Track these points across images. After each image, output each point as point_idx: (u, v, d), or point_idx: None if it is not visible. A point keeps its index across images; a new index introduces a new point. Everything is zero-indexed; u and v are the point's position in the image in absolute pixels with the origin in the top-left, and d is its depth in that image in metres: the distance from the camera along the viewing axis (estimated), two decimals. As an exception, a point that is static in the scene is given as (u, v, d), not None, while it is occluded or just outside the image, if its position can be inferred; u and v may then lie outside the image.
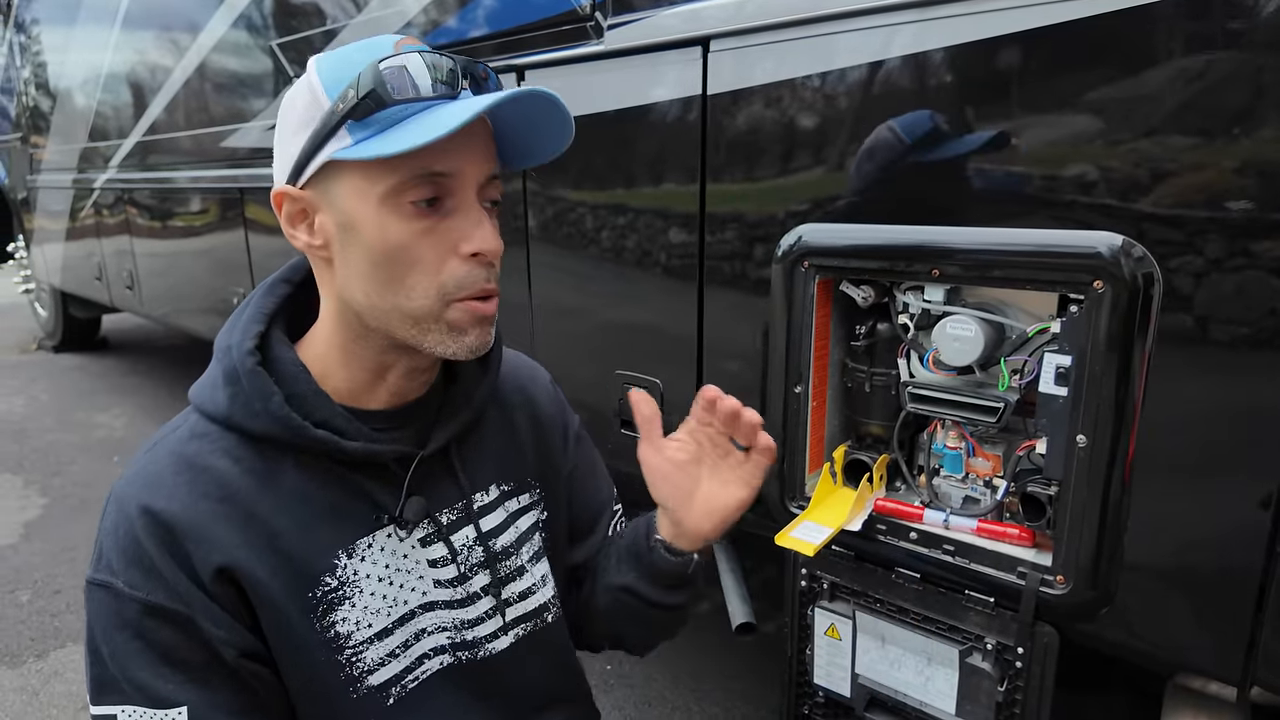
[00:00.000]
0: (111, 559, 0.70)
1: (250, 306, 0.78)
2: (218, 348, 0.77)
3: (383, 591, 0.79)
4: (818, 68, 1.14)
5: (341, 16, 2.12)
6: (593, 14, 1.41)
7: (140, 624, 0.69)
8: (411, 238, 0.69)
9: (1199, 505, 0.92)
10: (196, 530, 0.70)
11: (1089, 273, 0.92)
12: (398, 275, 0.70)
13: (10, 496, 3.30)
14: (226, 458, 0.73)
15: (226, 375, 0.74)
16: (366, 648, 0.77)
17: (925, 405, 1.09)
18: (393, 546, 0.80)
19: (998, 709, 1.07)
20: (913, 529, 1.13)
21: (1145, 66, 0.88)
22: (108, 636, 0.70)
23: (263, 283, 0.81)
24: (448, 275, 0.71)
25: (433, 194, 0.69)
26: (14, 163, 5.37)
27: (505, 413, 0.94)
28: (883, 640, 1.18)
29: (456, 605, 0.84)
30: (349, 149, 0.67)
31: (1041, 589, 1.01)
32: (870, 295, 1.14)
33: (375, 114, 0.66)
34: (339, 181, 0.70)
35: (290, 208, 0.73)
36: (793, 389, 1.20)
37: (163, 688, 0.69)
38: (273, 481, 0.74)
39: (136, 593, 0.69)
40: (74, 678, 2.15)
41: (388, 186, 0.68)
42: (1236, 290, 0.85)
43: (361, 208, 0.69)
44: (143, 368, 5.33)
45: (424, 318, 0.71)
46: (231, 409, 0.74)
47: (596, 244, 1.54)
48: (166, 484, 0.72)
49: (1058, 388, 0.97)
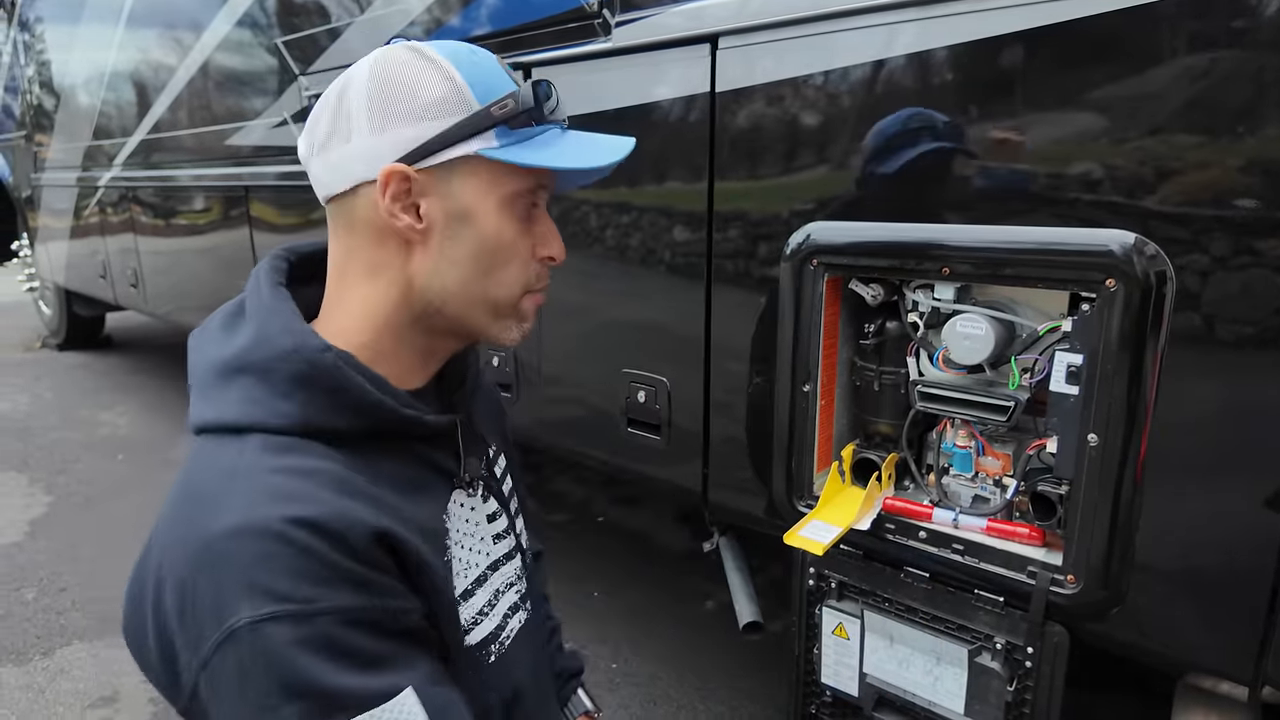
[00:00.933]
0: (273, 587, 0.62)
1: (275, 315, 0.74)
2: (257, 361, 0.72)
3: (464, 556, 0.83)
4: (827, 65, 1.14)
5: (346, 14, 2.12)
6: (600, 11, 1.41)
7: (330, 636, 0.63)
8: (518, 236, 0.77)
9: (1210, 505, 0.91)
10: (344, 517, 0.66)
11: (1101, 271, 0.91)
12: (497, 266, 0.77)
13: (15, 494, 3.31)
14: (322, 459, 0.70)
15: (294, 381, 0.71)
16: (467, 606, 0.81)
17: (935, 404, 1.09)
18: (463, 511, 0.85)
19: (1007, 709, 1.07)
20: (922, 528, 1.13)
21: (1151, 65, 0.88)
22: (299, 667, 0.62)
23: (256, 291, 0.78)
24: (531, 271, 0.80)
25: (534, 201, 0.79)
26: (18, 161, 5.38)
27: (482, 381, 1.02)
28: (891, 640, 1.17)
29: (513, 556, 0.91)
30: (498, 150, 0.73)
31: (1052, 589, 1.01)
32: (879, 293, 1.14)
33: (528, 127, 0.75)
34: (465, 176, 0.74)
35: (399, 187, 0.72)
36: (801, 387, 1.20)
37: (379, 682, 0.65)
38: (367, 469, 0.73)
39: (318, 605, 0.63)
40: (80, 675, 2.16)
41: (514, 190, 0.75)
42: (1247, 289, 0.85)
43: (483, 203, 0.75)
44: (147, 366, 5.34)
45: (505, 305, 0.79)
46: (308, 414, 0.70)
47: (604, 242, 1.54)
48: (296, 492, 0.66)
49: (1069, 386, 0.97)
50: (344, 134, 0.73)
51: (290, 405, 0.70)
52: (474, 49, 0.77)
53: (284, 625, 0.61)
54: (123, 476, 3.46)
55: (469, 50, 0.76)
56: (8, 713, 2.02)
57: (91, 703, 2.06)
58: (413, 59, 0.73)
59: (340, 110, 0.73)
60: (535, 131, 0.75)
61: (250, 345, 0.73)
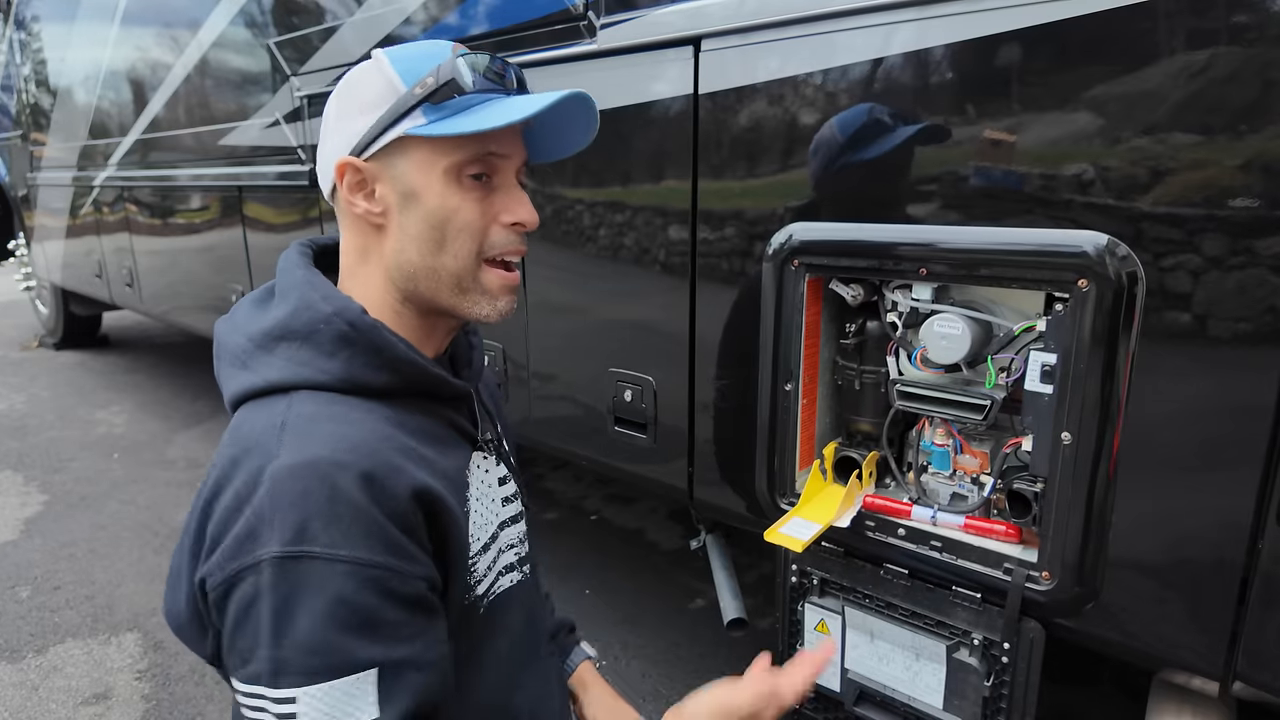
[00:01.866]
0: (306, 526, 0.67)
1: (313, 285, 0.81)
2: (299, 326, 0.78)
3: (481, 510, 0.89)
4: (809, 67, 1.15)
5: (340, 14, 2.13)
6: (586, 13, 1.42)
7: (342, 585, 0.67)
8: (467, 205, 0.80)
9: (1182, 502, 0.93)
10: (386, 465, 0.72)
11: (1074, 271, 0.92)
12: (448, 238, 0.80)
13: (11, 493, 3.31)
14: (361, 410, 0.77)
15: (338, 340, 0.78)
16: (478, 559, 0.86)
17: (913, 403, 1.10)
18: (479, 473, 0.90)
19: (985, 703, 1.08)
20: (901, 525, 1.14)
21: (1129, 68, 0.89)
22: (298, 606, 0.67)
23: (290, 270, 0.84)
24: (491, 238, 0.82)
25: (485, 170, 0.81)
26: (14, 160, 5.38)
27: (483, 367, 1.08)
28: (872, 635, 1.19)
29: (518, 519, 0.97)
30: (424, 126, 0.77)
31: (1027, 585, 1.02)
32: (859, 293, 1.15)
33: (449, 100, 0.77)
34: (406, 156, 0.79)
35: (352, 178, 0.81)
36: (783, 386, 1.21)
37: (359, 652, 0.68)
38: (401, 423, 0.79)
39: (339, 552, 0.67)
40: (73, 672, 2.17)
41: (452, 161, 0.79)
42: (1218, 289, 0.86)
43: (425, 178, 0.79)
44: (143, 365, 5.34)
45: (464, 277, 0.82)
46: (350, 370, 0.78)
47: (590, 242, 1.55)
48: (346, 438, 0.72)
49: (1043, 385, 0.98)
50: (322, 140, 0.83)
51: (335, 363, 0.78)
52: (431, 42, 0.82)
53: (306, 565, 0.67)
54: (118, 475, 3.47)
55: (418, 45, 0.82)
56: (1, 709, 2.03)
57: (84, 700, 2.07)
58: (365, 64, 0.81)
59: (324, 119, 0.83)
60: (470, 101, 0.78)
61: (292, 313, 0.80)
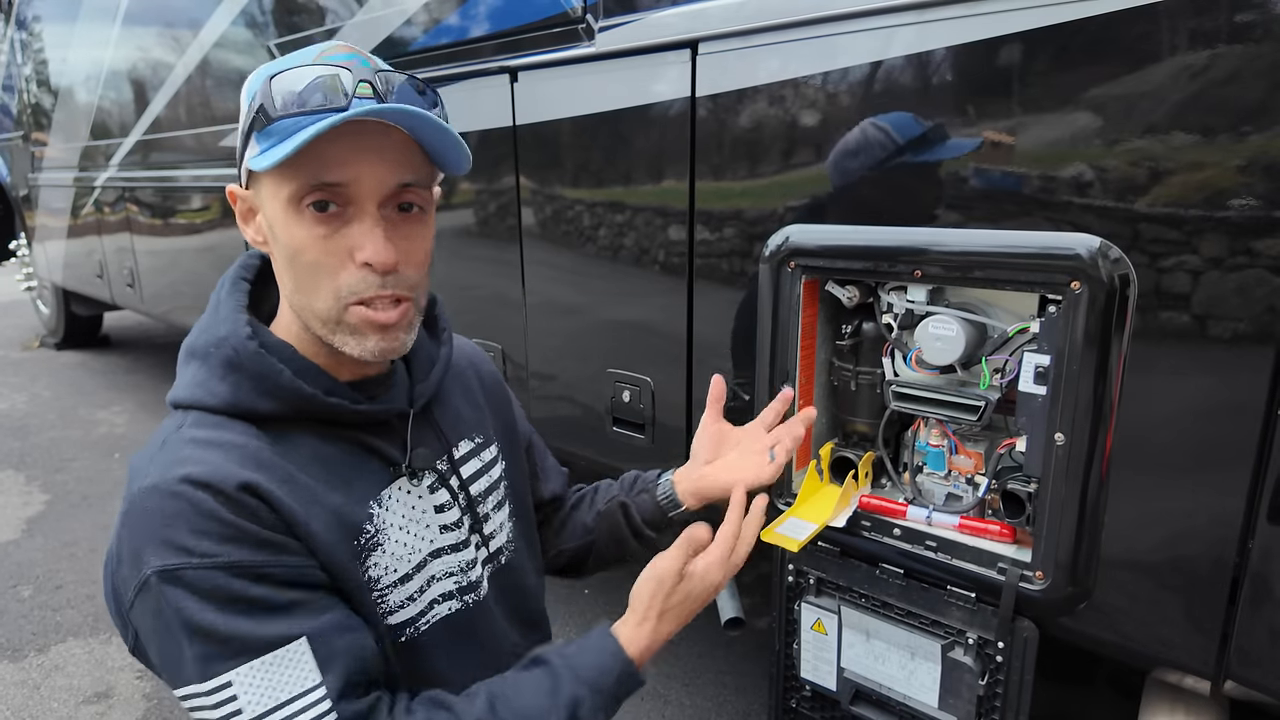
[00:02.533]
0: (177, 540, 0.69)
1: (223, 304, 0.81)
2: (199, 346, 0.80)
3: (403, 540, 0.84)
4: (806, 70, 1.16)
5: (341, 16, 2.14)
6: (584, 16, 1.43)
7: (229, 586, 0.69)
8: (312, 242, 0.73)
9: (1174, 502, 0.93)
10: (250, 486, 0.72)
11: (1067, 274, 0.93)
12: (302, 274, 0.75)
13: (13, 493, 3.33)
14: (242, 436, 0.76)
15: (226, 365, 0.77)
16: (391, 591, 0.83)
17: (909, 404, 1.11)
18: (405, 497, 0.86)
19: (979, 702, 1.09)
20: (896, 525, 1.15)
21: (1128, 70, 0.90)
22: (201, 612, 0.68)
23: (222, 283, 0.84)
24: (342, 280, 0.75)
25: (325, 199, 0.73)
26: (15, 160, 5.39)
27: (462, 379, 1.03)
28: (867, 635, 1.20)
29: (460, 548, 0.92)
30: (255, 158, 0.74)
31: (1021, 584, 1.03)
32: (855, 295, 1.16)
33: (270, 126, 0.71)
34: (259, 188, 0.77)
35: (240, 206, 0.80)
36: (780, 387, 1.22)
37: (272, 630, 0.70)
38: (291, 450, 0.78)
39: (216, 559, 0.69)
40: (75, 671, 2.18)
41: (289, 193, 0.73)
42: (1208, 290, 0.87)
43: (274, 212, 0.75)
44: (143, 365, 5.36)
45: (328, 318, 0.77)
46: (237, 396, 0.77)
47: (588, 243, 1.56)
48: (205, 460, 0.72)
49: (1037, 387, 0.99)
50: None
51: (224, 387, 0.77)
52: (305, 49, 0.76)
53: (185, 575, 0.68)
54: (120, 475, 3.47)
55: (290, 57, 0.76)
56: (3, 708, 2.04)
57: (86, 698, 2.08)
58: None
59: None
60: (300, 125, 0.70)
61: (199, 331, 0.81)
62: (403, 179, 0.75)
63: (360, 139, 0.72)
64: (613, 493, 1.14)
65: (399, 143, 0.75)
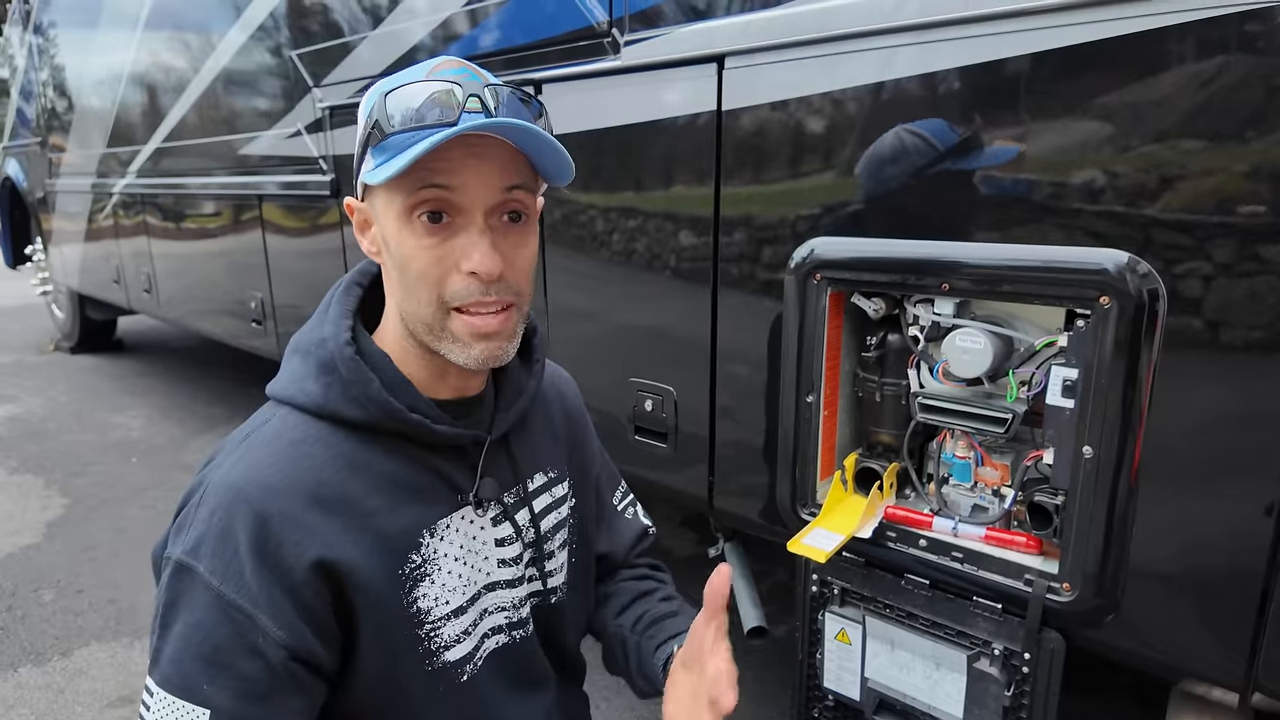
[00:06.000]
0: (200, 544, 0.73)
1: (333, 306, 0.84)
2: (305, 344, 0.83)
3: (458, 571, 0.85)
4: (830, 85, 1.17)
5: (360, 28, 2.16)
6: (610, 30, 1.44)
7: (206, 613, 0.72)
8: (420, 252, 0.76)
9: (1201, 513, 0.94)
10: (293, 523, 0.74)
11: (1096, 288, 0.94)
12: (409, 283, 0.78)
13: (32, 496, 3.36)
14: (319, 445, 0.78)
15: (322, 366, 0.80)
16: (444, 624, 0.83)
17: (935, 415, 1.12)
18: (467, 528, 0.86)
19: (1005, 713, 1.10)
20: (922, 536, 1.16)
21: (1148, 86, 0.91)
22: (176, 615, 0.74)
23: (337, 285, 0.87)
24: (447, 288, 0.77)
25: (437, 210, 0.75)
26: (33, 166, 5.44)
27: (546, 409, 1.01)
28: (892, 645, 1.20)
29: (515, 584, 0.91)
30: (370, 172, 0.77)
31: (1048, 596, 1.04)
32: (881, 308, 1.17)
33: (385, 141, 0.74)
34: (374, 200, 0.80)
35: (357, 218, 0.82)
36: (805, 398, 1.23)
37: (199, 683, 0.72)
38: (364, 465, 0.79)
39: (214, 581, 0.72)
40: (99, 675, 2.20)
41: (401, 205, 0.76)
42: (1237, 299, 0.88)
43: (388, 223, 0.78)
44: (157, 370, 5.39)
45: (433, 325, 0.79)
46: (328, 398, 0.79)
47: (613, 255, 1.57)
48: (265, 474, 0.75)
49: (1065, 400, 1.00)
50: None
51: (316, 387, 0.79)
52: (420, 65, 0.78)
53: (188, 576, 0.73)
54: (137, 480, 3.50)
55: (404, 74, 0.77)
56: (28, 712, 2.06)
57: (110, 702, 2.10)
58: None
59: None
60: (413, 139, 0.72)
61: (305, 332, 0.84)
62: (509, 184, 0.77)
63: (469, 152, 0.74)
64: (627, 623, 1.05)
65: (505, 154, 0.77)
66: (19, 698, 2.11)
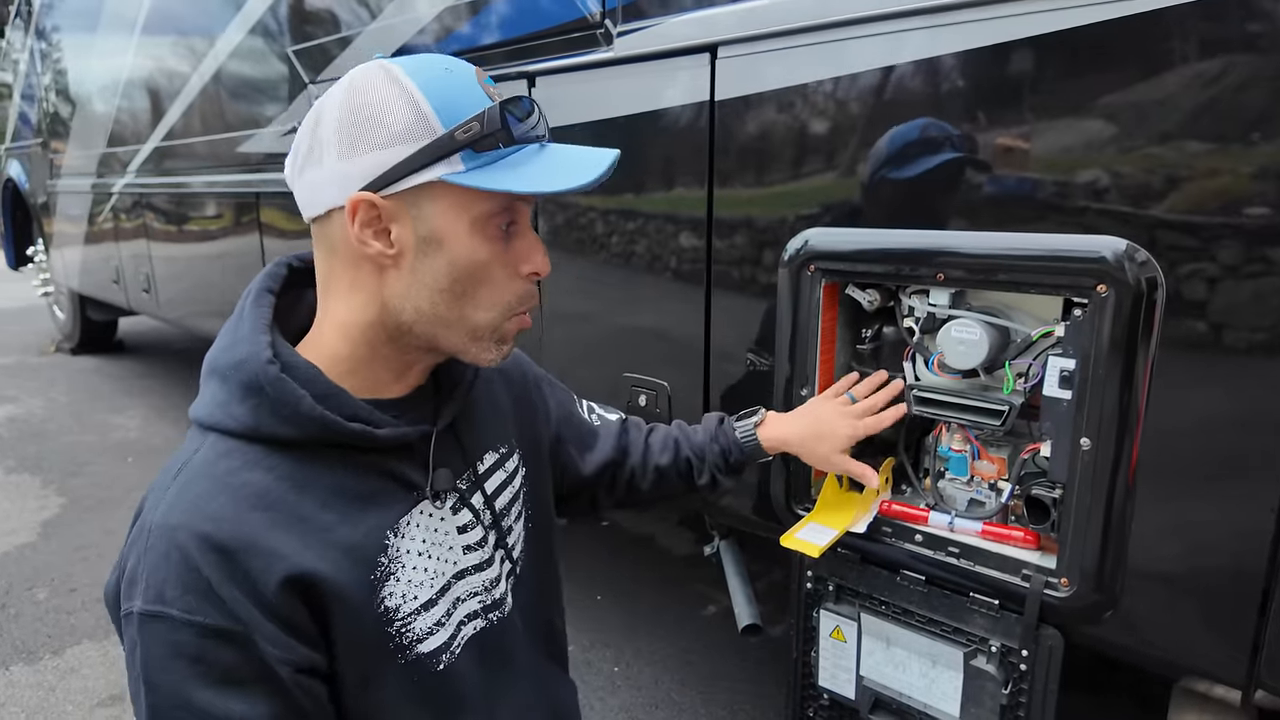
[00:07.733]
0: (164, 588, 0.69)
1: (245, 321, 0.78)
2: (221, 365, 0.78)
3: (424, 565, 0.83)
4: (825, 74, 1.16)
5: (356, 23, 2.15)
6: (603, 21, 1.43)
7: (200, 647, 0.68)
8: (494, 257, 0.77)
9: (1203, 509, 0.92)
10: (254, 545, 0.70)
11: (1093, 277, 0.92)
12: (472, 289, 0.77)
13: (30, 496, 3.35)
14: (258, 469, 0.74)
15: (246, 388, 0.75)
16: (414, 618, 0.81)
17: (930, 408, 1.10)
18: (428, 521, 0.84)
19: (1002, 711, 1.08)
20: (918, 531, 1.14)
21: (1150, 75, 0.89)
22: (164, 665, 0.69)
23: (246, 294, 0.82)
24: (512, 292, 0.79)
25: (513, 219, 0.77)
26: (35, 167, 5.46)
27: (489, 386, 0.99)
28: (887, 642, 1.18)
29: (484, 567, 0.90)
30: (462, 174, 0.72)
31: (1046, 592, 1.02)
32: (876, 299, 1.15)
33: (492, 149, 0.73)
34: (433, 200, 0.74)
35: (367, 214, 0.74)
36: (799, 391, 1.21)
37: (225, 706, 0.69)
38: (310, 482, 0.76)
39: (194, 617, 0.68)
40: (90, 674, 2.19)
41: (483, 211, 0.74)
42: (1241, 296, 0.86)
43: (453, 227, 0.75)
44: (157, 370, 5.39)
45: (485, 329, 0.79)
46: (257, 420, 0.75)
47: (605, 248, 1.56)
48: (210, 507, 0.71)
49: (1062, 391, 0.98)
50: (317, 158, 0.75)
51: (243, 410, 0.75)
52: (450, 65, 0.76)
53: (161, 624, 0.68)
54: (133, 480, 3.50)
55: (443, 68, 0.75)
56: (18, 710, 2.05)
57: (100, 701, 2.08)
58: (382, 82, 0.73)
59: (316, 134, 0.75)
60: (506, 152, 0.74)
61: (219, 351, 0.78)
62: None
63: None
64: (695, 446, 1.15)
65: None
66: (10, 695, 2.10)
